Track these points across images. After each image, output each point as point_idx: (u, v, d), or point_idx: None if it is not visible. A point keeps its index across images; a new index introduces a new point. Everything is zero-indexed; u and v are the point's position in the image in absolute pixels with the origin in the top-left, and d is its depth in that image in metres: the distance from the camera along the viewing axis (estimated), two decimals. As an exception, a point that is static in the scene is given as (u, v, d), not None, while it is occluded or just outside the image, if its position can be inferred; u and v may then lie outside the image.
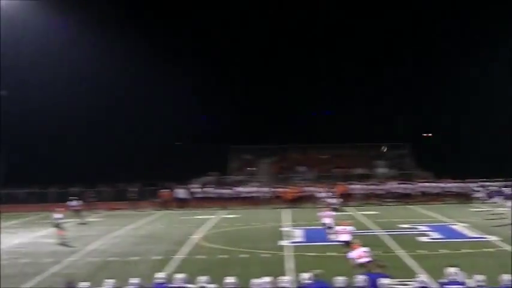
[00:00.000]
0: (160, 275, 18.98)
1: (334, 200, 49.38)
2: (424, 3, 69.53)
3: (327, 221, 34.64)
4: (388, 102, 73.14)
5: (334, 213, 37.48)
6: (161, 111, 72.68)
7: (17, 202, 62.61)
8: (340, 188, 56.54)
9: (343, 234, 29.07)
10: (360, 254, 23.35)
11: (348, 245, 27.04)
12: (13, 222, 48.54)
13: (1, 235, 40.70)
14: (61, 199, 49.89)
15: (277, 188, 58.67)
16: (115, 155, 67.81)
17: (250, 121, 73.15)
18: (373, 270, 20.03)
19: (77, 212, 46.36)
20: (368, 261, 22.67)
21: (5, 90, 67.33)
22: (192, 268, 25.76)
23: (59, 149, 67.91)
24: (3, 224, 47.32)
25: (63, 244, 35.09)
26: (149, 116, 73.08)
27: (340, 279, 17.91)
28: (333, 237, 31.70)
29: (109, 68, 69.26)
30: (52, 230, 37.29)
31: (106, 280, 18.81)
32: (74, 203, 47.18)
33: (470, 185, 56.31)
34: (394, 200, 56.21)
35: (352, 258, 23.52)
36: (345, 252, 26.25)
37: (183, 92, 71.34)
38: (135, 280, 18.65)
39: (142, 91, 71.97)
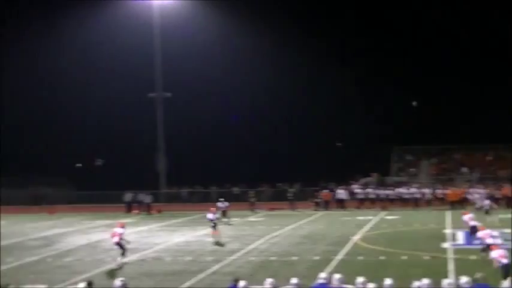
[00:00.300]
0: (322, 275, 19.06)
1: (486, 202, 47.85)
2: None
3: (472, 223, 33.90)
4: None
5: (473, 214, 36.65)
6: (323, 111, 72.80)
7: (178, 201, 64.40)
8: (505, 190, 54.90)
9: (485, 237, 28.40)
10: (500, 254, 22.92)
11: (488, 247, 26.51)
12: (174, 221, 50.09)
13: (161, 233, 42.26)
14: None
15: (439, 189, 57.69)
16: (276, 156, 68.53)
17: (413, 121, 72.19)
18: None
19: (224, 212, 47.17)
20: (507, 263, 22.18)
21: (169, 92, 69.52)
22: (350, 269, 25.70)
23: (221, 150, 69.28)
24: (165, 222, 48.94)
25: (217, 243, 35.80)
26: (310, 116, 73.34)
27: (506, 283, 17.48)
28: (475, 239, 31.05)
29: (269, 68, 70.16)
30: (211, 229, 38.13)
31: (266, 279, 19.04)
32: (222, 204, 47.96)
33: None
34: None
35: (494, 259, 23.12)
36: (482, 252, 26.25)
37: (347, 92, 71.32)
38: (294, 280, 18.75)
39: (304, 91, 72.38)
